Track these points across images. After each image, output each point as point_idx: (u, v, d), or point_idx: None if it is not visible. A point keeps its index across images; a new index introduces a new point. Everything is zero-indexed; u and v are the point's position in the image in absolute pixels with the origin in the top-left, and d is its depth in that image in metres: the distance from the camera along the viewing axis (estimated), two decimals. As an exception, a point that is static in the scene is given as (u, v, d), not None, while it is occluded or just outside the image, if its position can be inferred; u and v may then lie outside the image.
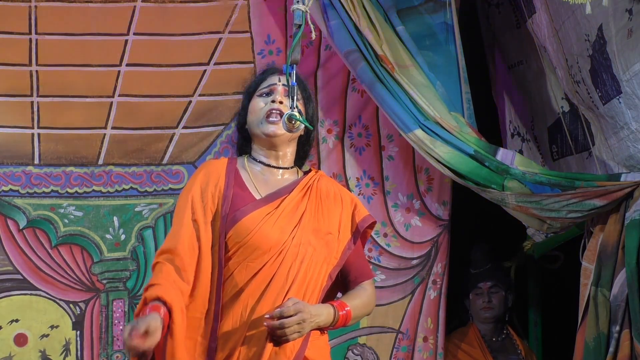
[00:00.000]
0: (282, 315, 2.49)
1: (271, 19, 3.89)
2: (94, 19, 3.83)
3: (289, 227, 2.62)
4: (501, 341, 4.18)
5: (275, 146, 2.74)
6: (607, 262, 3.10)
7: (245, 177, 2.72)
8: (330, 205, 2.71)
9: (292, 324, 2.49)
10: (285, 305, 2.51)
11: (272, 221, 2.61)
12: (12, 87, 3.78)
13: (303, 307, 2.51)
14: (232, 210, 2.62)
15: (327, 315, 2.59)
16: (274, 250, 2.58)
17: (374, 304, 2.80)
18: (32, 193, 3.76)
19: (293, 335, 2.51)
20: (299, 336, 2.53)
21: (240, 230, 2.59)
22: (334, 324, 2.62)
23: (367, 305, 2.74)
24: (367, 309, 2.76)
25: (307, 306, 2.53)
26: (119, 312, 3.76)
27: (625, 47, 2.97)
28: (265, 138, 2.72)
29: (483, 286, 4.19)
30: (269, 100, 2.73)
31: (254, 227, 2.59)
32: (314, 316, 2.54)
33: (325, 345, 2.68)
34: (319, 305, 2.60)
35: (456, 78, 3.69)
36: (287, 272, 2.57)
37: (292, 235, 2.61)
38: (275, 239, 2.59)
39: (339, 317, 2.61)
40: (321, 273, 2.63)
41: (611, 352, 3.03)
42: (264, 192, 2.69)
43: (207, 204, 2.63)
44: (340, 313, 2.61)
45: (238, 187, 2.68)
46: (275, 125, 2.69)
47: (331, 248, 2.66)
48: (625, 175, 3.12)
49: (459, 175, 3.42)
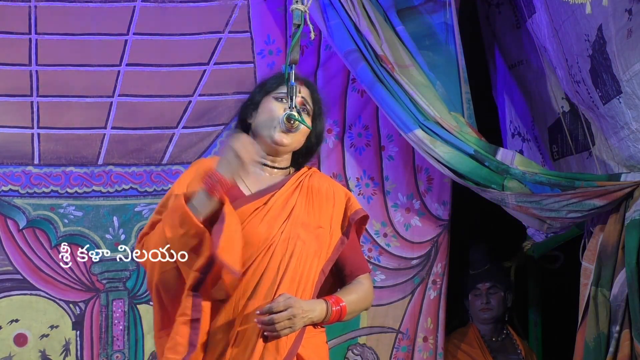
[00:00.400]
0: (271, 311, 2.49)
1: (271, 19, 3.89)
2: (94, 19, 3.83)
3: (277, 222, 2.60)
4: (501, 341, 4.18)
5: (277, 153, 2.73)
6: (607, 262, 3.10)
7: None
8: (322, 200, 2.70)
9: (282, 320, 2.49)
10: (276, 300, 2.51)
11: (261, 216, 2.60)
12: (12, 87, 3.78)
13: (294, 303, 2.50)
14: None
15: (320, 311, 2.58)
16: (263, 245, 2.57)
17: (372, 298, 2.77)
18: (32, 193, 3.77)
19: (284, 331, 2.50)
20: (290, 332, 2.52)
21: None
22: (328, 319, 2.61)
23: (364, 300, 2.72)
24: (364, 303, 2.74)
25: (299, 302, 2.52)
26: (118, 312, 3.76)
27: (625, 47, 2.97)
28: (271, 144, 2.70)
29: (481, 287, 4.19)
30: (286, 107, 2.67)
31: (242, 222, 2.57)
32: (305, 312, 2.53)
33: (322, 344, 2.67)
34: (311, 301, 2.59)
35: (456, 78, 3.69)
36: (277, 267, 2.56)
37: (281, 230, 2.60)
38: (263, 233, 2.58)
39: (332, 313, 2.60)
40: (312, 267, 2.62)
41: (611, 352, 3.02)
42: (255, 188, 2.68)
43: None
44: (334, 308, 2.60)
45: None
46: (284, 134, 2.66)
47: (322, 242, 2.65)
48: (625, 175, 3.11)
49: (459, 175, 3.42)
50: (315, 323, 2.60)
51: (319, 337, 2.66)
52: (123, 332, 3.74)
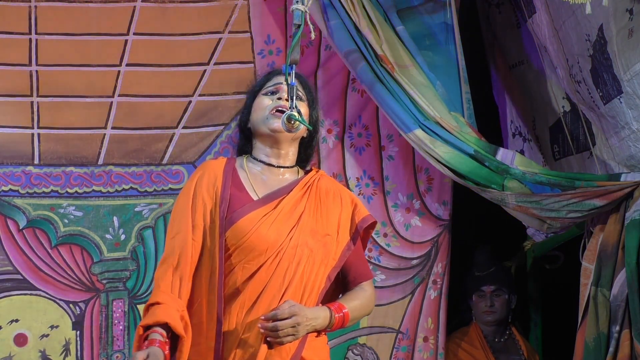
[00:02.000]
0: (276, 318, 2.49)
1: (271, 19, 3.89)
2: (94, 19, 3.83)
3: (286, 228, 2.61)
4: (503, 342, 4.17)
5: (278, 143, 2.73)
6: (607, 262, 3.10)
7: (243, 178, 2.71)
8: (330, 206, 2.70)
9: (285, 327, 2.49)
10: (280, 307, 2.51)
11: (269, 222, 2.61)
12: (12, 87, 3.78)
13: (298, 311, 2.51)
14: (229, 212, 2.61)
15: (324, 319, 2.59)
16: (270, 251, 2.57)
17: (374, 305, 2.79)
18: (32, 193, 3.76)
19: (287, 339, 2.51)
20: (293, 339, 2.53)
21: (237, 231, 2.59)
22: (331, 327, 2.61)
23: (366, 307, 2.74)
24: (366, 310, 2.75)
25: (303, 309, 2.53)
26: (118, 312, 3.75)
27: (626, 47, 2.97)
28: (270, 133, 2.70)
29: (486, 290, 4.18)
30: (274, 98, 2.73)
31: (251, 228, 2.58)
32: (309, 320, 2.53)
33: (323, 346, 2.67)
34: (316, 308, 2.59)
35: (456, 78, 3.68)
36: (284, 274, 2.57)
37: (290, 237, 2.60)
38: (272, 240, 2.58)
39: (335, 320, 2.60)
40: (319, 275, 2.63)
41: (611, 352, 3.02)
42: (262, 192, 2.68)
43: (206, 206, 2.63)
44: (337, 315, 2.60)
45: (235, 188, 2.67)
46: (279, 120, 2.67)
47: (329, 250, 2.65)
48: (626, 175, 3.11)
49: (459, 175, 3.42)
50: (319, 330, 2.61)
51: (321, 339, 2.67)
52: (123, 332, 3.74)
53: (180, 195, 2.69)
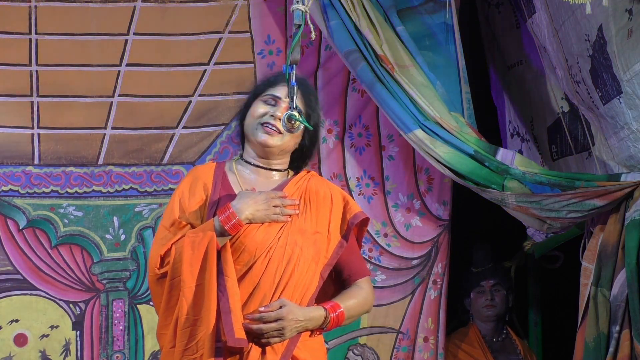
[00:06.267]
0: (262, 320, 2.50)
1: (271, 19, 3.89)
2: (94, 19, 3.83)
3: (274, 229, 2.60)
4: (501, 341, 4.18)
5: (266, 154, 2.71)
6: (607, 262, 3.10)
7: (232, 181, 2.70)
8: (320, 205, 2.69)
9: (269, 331, 2.50)
10: (271, 306, 2.52)
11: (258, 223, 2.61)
12: (12, 87, 3.78)
13: (286, 314, 2.51)
14: (218, 215, 2.61)
15: (317, 319, 2.58)
16: (259, 251, 2.57)
17: (372, 302, 2.76)
18: (32, 193, 3.76)
19: (273, 340, 2.51)
20: (279, 341, 2.52)
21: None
22: (326, 326, 2.61)
23: (364, 304, 2.71)
24: (364, 307, 2.73)
25: (293, 311, 2.52)
26: (119, 312, 3.76)
27: (625, 47, 2.97)
28: (258, 145, 2.70)
29: (485, 284, 4.19)
30: (271, 110, 2.69)
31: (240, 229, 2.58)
32: (299, 322, 2.53)
33: (319, 346, 2.66)
34: (309, 308, 2.58)
35: (456, 78, 3.68)
36: (274, 273, 2.56)
37: (278, 237, 2.59)
38: (260, 240, 2.58)
39: (330, 320, 2.59)
40: (310, 273, 2.61)
41: (611, 352, 3.02)
42: None
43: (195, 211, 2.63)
44: (332, 315, 2.59)
45: (225, 191, 2.66)
46: (268, 135, 2.66)
47: (319, 247, 2.64)
48: (626, 175, 3.12)
49: (459, 175, 3.42)
50: (312, 330, 2.60)
51: (317, 339, 2.65)
52: (123, 332, 3.74)
53: (170, 201, 2.69)
